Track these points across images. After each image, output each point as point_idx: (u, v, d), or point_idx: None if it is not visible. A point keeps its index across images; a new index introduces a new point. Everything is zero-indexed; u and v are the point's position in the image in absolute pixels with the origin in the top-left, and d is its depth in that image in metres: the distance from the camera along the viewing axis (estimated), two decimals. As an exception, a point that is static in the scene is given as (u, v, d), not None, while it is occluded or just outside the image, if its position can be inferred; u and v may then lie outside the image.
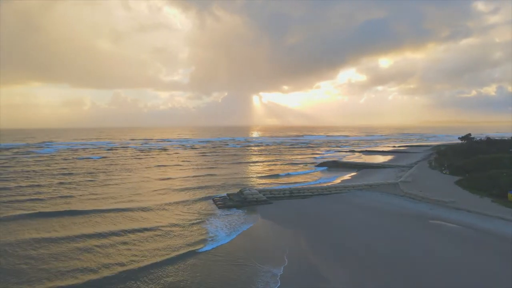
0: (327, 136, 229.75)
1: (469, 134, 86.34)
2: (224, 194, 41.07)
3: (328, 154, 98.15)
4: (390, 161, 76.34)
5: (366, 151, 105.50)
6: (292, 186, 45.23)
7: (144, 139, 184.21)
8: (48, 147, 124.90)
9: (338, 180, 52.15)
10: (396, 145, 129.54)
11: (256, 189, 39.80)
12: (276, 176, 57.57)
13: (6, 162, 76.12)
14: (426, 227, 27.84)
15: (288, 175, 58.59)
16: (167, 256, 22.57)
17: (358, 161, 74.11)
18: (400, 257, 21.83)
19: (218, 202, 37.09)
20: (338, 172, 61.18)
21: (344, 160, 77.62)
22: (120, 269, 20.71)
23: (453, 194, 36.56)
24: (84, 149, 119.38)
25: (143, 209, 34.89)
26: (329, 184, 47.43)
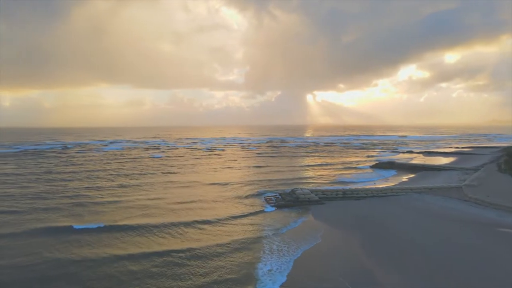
0: (384, 136, 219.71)
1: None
2: (276, 193, 41.48)
3: (384, 155, 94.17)
4: (452, 163, 71.23)
5: (426, 152, 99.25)
6: (345, 186, 44.31)
7: (200, 138, 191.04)
8: (112, 145, 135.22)
9: (394, 182, 50.00)
10: (460, 146, 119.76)
11: (308, 189, 39.63)
12: (329, 176, 56.76)
13: (76, 159, 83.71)
14: (495, 235, 25.75)
15: (341, 175, 57.45)
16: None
17: (416, 163, 70.11)
18: (463, 266, 20.56)
19: (270, 201, 37.56)
20: (395, 173, 58.58)
21: (402, 161, 73.93)
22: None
23: (527, 201, 33.32)
24: (145, 147, 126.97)
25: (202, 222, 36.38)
26: (384, 185, 45.70)
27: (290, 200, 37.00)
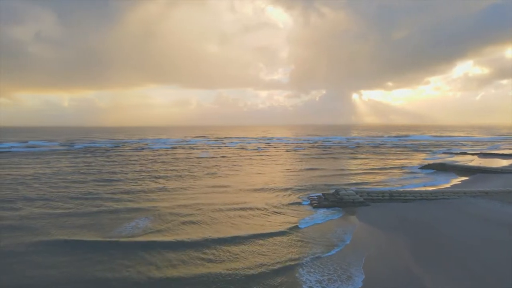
0: (435, 136, 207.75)
1: None
2: (319, 193, 41.07)
3: (435, 156, 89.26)
4: (513, 165, 65.97)
5: (482, 153, 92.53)
6: (392, 188, 42.77)
7: (244, 138, 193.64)
8: (159, 144, 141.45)
9: (446, 185, 47.31)
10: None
11: (352, 190, 38.77)
12: (375, 177, 55.02)
13: (125, 158, 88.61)
14: (562, 245, 23.59)
15: (388, 176, 55.45)
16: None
17: (471, 165, 65.60)
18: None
19: (313, 201, 37.26)
20: (446, 175, 55.38)
21: (454, 162, 69.67)
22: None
23: None
24: (191, 146, 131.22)
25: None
26: (435, 188, 43.44)
27: (334, 201, 36.43)
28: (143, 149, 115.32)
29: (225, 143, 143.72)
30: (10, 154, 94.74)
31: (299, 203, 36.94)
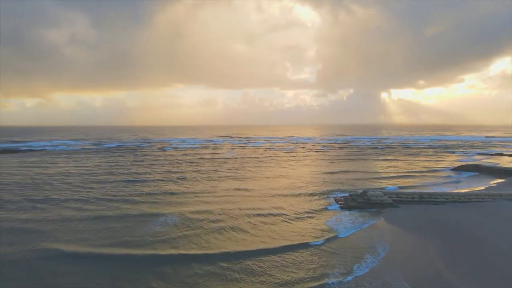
0: (469, 136, 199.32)
1: None
2: (346, 193, 40.55)
3: (469, 157, 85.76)
4: (555, 167, 62.25)
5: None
6: (422, 190, 41.53)
7: (269, 137, 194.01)
8: (185, 143, 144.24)
9: (480, 187, 45.40)
10: None
11: (380, 191, 38.01)
12: (405, 178, 53.70)
13: (152, 158, 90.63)
14: None
15: (418, 177, 53.94)
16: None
17: (508, 166, 62.56)
18: None
19: (340, 202, 36.82)
20: (481, 177, 53.17)
21: (489, 164, 66.58)
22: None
23: None
24: (218, 145, 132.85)
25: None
26: (468, 190, 41.77)
27: (361, 202, 35.87)
28: (170, 148, 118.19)
29: (251, 143, 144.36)
30: (44, 153, 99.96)
31: (325, 208, 35.23)
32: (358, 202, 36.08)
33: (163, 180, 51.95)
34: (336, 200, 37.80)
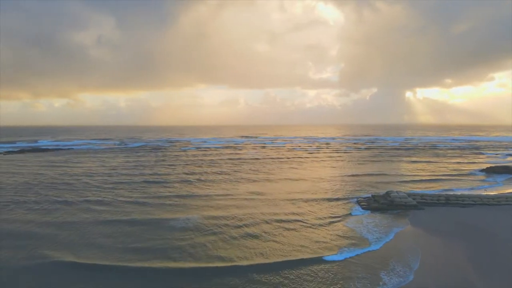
0: (499, 137, 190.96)
1: None
2: (369, 194, 39.80)
3: (499, 158, 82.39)
4: None
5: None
6: (448, 192, 40.21)
7: (291, 137, 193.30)
8: (207, 143, 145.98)
9: (510, 189, 43.43)
10: None
11: (404, 192, 37.09)
12: (430, 179, 52.03)
13: (174, 158, 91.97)
14: None
15: (444, 179, 52.13)
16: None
17: (541, 168, 59.56)
18: None
19: (362, 203, 36.19)
20: (511, 180, 50.90)
21: (521, 165, 63.59)
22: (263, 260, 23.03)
23: None
24: (239, 146, 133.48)
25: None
26: (497, 193, 40.11)
27: (384, 203, 35.11)
28: (192, 148, 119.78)
29: (273, 144, 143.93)
30: (70, 152, 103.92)
31: (349, 214, 33.39)
32: (381, 203, 35.32)
33: (183, 182, 51.60)
34: (359, 202, 37.15)
